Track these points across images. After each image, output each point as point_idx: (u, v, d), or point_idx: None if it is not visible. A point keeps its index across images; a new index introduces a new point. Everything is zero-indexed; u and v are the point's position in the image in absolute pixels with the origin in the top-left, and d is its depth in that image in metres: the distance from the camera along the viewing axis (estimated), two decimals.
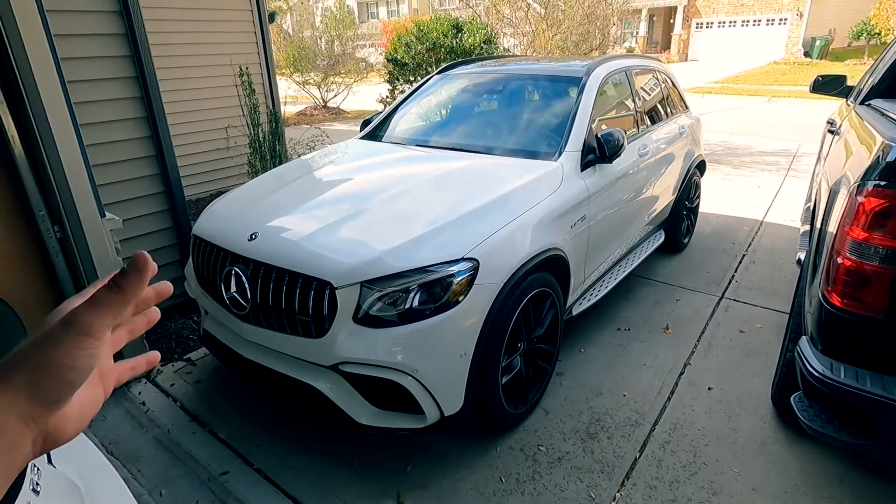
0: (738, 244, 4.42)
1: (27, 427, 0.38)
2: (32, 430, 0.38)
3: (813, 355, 1.57)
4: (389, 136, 3.33)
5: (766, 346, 2.94)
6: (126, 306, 0.40)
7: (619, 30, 12.24)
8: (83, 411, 0.42)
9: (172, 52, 5.08)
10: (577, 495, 2.00)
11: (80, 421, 0.42)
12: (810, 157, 7.23)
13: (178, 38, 5.15)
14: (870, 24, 20.36)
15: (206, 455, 2.23)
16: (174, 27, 5.09)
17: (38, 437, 0.39)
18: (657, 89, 3.95)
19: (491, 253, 2.01)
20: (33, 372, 0.37)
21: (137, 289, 0.41)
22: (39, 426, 0.38)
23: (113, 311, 0.39)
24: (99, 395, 0.45)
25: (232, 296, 2.13)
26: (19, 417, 0.37)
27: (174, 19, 5.06)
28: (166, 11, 4.97)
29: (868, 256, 1.42)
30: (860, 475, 2.06)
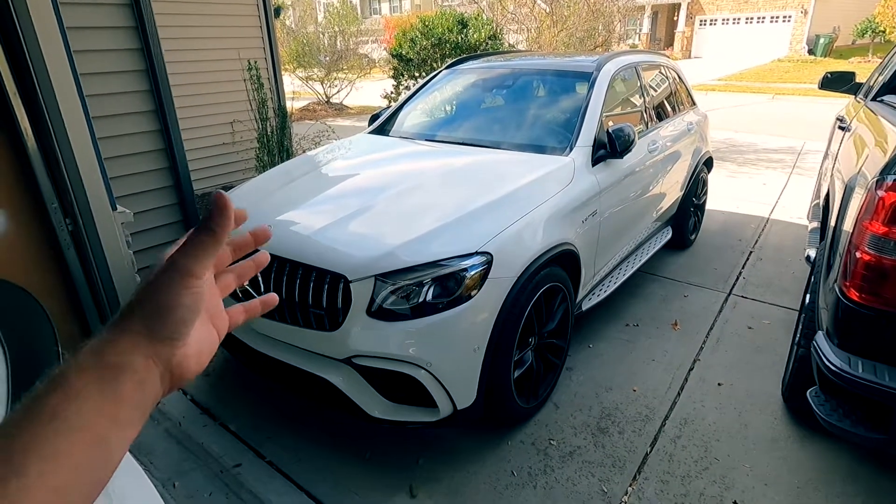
0: (744, 241, 4.42)
1: (154, 364, 0.41)
2: (158, 367, 0.41)
3: (830, 350, 1.57)
4: (399, 131, 3.33)
5: (775, 342, 2.94)
6: (218, 244, 0.43)
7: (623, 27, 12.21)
8: (201, 351, 0.45)
9: (177, 46, 5.04)
10: (589, 489, 2.00)
11: (199, 359, 0.45)
12: (815, 154, 7.21)
13: (184, 33, 5.12)
14: (874, 22, 20.28)
15: (218, 448, 2.24)
16: (179, 21, 5.06)
17: (164, 373, 0.42)
18: (665, 85, 3.94)
19: (504, 247, 2.01)
20: (148, 314, 0.41)
21: (224, 227, 0.43)
22: (164, 363, 0.42)
23: (206, 251, 0.42)
24: (213, 336, 0.48)
25: (245, 289, 2.12)
26: (144, 356, 0.40)
27: (179, 13, 5.04)
28: (171, 5, 4.95)
29: (888, 251, 1.42)
30: (873, 471, 2.06)
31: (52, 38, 2.16)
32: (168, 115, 2.98)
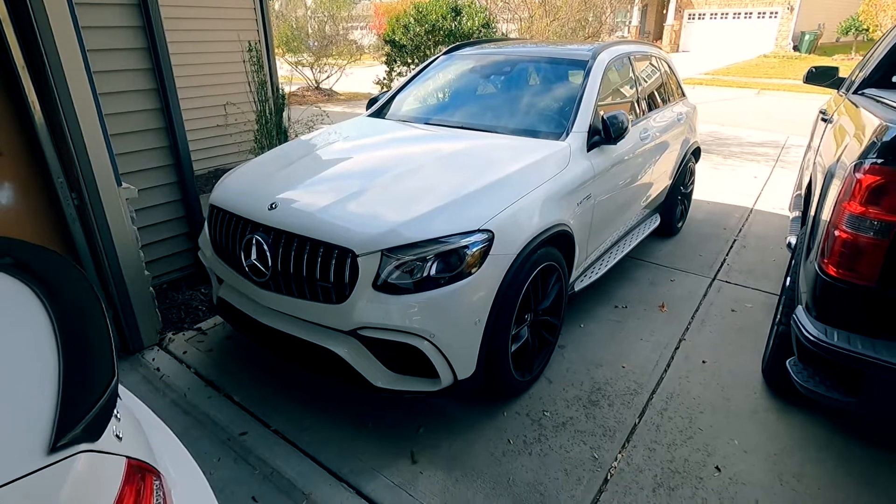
0: (729, 230, 4.57)
1: None
2: None
3: (809, 322, 1.69)
4: (397, 115, 3.39)
5: (757, 324, 3.08)
6: None
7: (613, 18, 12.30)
8: None
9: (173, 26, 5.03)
10: (581, 455, 2.12)
11: None
12: (798, 148, 7.41)
13: (178, 13, 5.11)
14: (858, 20, 20.64)
15: (223, 417, 2.31)
16: (175, 0, 5.04)
17: None
18: (657, 75, 4.04)
19: (504, 226, 2.10)
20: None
21: None
22: None
23: None
24: None
25: (252, 263, 2.19)
26: None
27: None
28: None
29: (863, 229, 1.53)
30: (844, 439, 2.20)
31: (61, 12, 2.18)
32: (169, 94, 3.00)
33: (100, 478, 0.82)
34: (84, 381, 0.89)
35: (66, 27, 2.21)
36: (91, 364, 0.93)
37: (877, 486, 1.98)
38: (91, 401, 0.84)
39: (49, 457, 0.76)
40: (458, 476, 2.02)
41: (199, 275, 3.48)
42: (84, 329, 1.02)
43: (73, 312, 1.06)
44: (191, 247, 3.41)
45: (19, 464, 0.74)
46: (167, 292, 3.26)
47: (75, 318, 1.05)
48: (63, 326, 1.01)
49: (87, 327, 1.02)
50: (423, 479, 2.00)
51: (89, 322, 1.03)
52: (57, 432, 0.79)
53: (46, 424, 0.80)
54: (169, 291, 3.27)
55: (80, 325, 1.03)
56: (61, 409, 0.83)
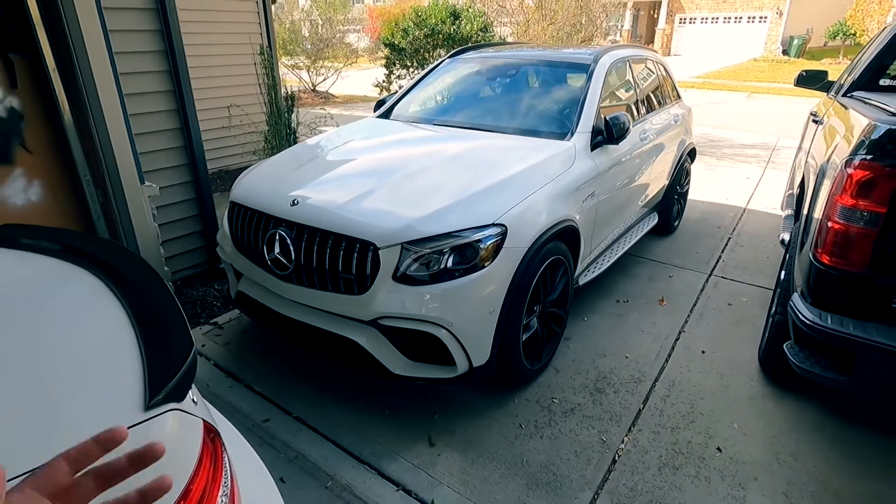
0: (723, 228, 4.71)
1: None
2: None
3: (804, 307, 1.82)
4: (405, 116, 3.50)
5: (753, 317, 3.21)
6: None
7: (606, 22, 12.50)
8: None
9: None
10: (589, 439, 2.23)
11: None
12: (788, 150, 7.59)
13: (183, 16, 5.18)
14: (846, 25, 21.02)
15: (246, 406, 2.40)
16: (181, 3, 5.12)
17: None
18: (653, 78, 4.18)
19: (516, 221, 2.22)
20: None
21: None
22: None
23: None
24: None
25: (275, 257, 2.29)
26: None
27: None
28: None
29: (854, 220, 1.66)
30: (838, 423, 2.33)
31: (91, 16, 2.27)
32: (185, 96, 3.09)
33: (186, 435, 0.92)
34: (164, 351, 0.99)
35: (96, 30, 2.30)
36: (167, 335, 1.03)
37: (868, 463, 2.11)
38: (175, 366, 0.95)
39: (146, 413, 0.86)
40: (475, 457, 2.13)
41: (212, 271, 3.57)
42: (154, 305, 1.12)
43: (139, 292, 1.16)
44: (204, 244, 3.50)
45: (124, 418, 0.84)
46: (182, 288, 3.35)
47: (143, 296, 1.15)
48: (133, 305, 1.11)
49: (156, 304, 1.12)
50: (442, 461, 2.10)
51: (157, 299, 1.13)
52: (150, 393, 0.89)
53: (139, 388, 0.90)
54: (184, 287, 3.36)
55: (150, 302, 1.13)
56: (149, 376, 0.93)
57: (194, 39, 5.41)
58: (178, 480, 0.89)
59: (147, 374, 0.93)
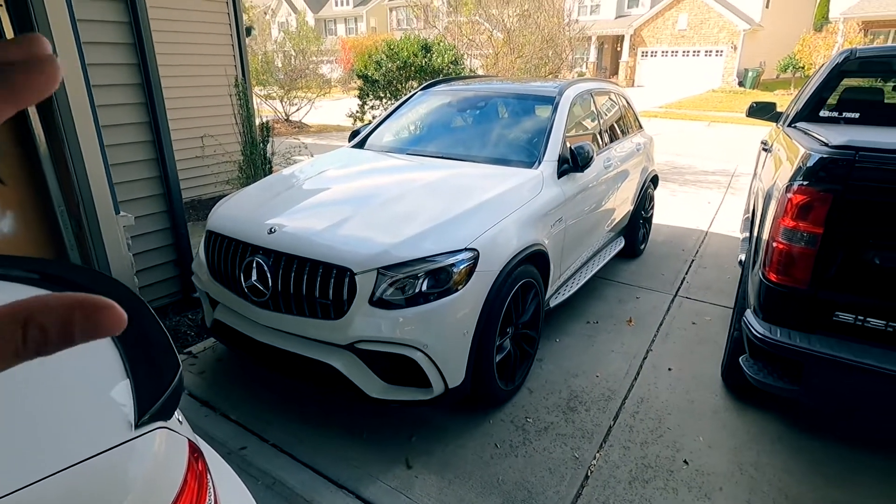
0: (687, 251, 4.91)
1: None
2: None
3: (756, 322, 1.94)
4: (379, 146, 3.60)
5: (715, 335, 3.36)
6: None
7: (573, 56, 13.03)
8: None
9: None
10: (563, 456, 2.30)
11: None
12: (746, 176, 7.97)
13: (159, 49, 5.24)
14: (795, 59, 22.31)
15: (221, 434, 2.39)
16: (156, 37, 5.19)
17: None
18: (616, 109, 4.40)
19: (488, 245, 2.31)
20: None
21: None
22: None
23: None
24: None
25: (252, 284, 2.32)
26: None
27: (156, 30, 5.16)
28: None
29: (795, 240, 1.81)
30: (794, 432, 2.45)
31: (69, 47, 2.32)
32: (161, 127, 3.13)
33: (173, 453, 0.96)
34: (151, 371, 1.03)
35: (73, 61, 2.35)
36: (154, 356, 1.07)
37: (825, 470, 2.22)
38: (162, 387, 0.99)
39: (135, 431, 0.90)
40: (451, 478, 2.16)
41: (186, 301, 3.55)
42: (138, 328, 1.16)
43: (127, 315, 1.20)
44: (178, 273, 3.50)
45: (112, 437, 0.88)
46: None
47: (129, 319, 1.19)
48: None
49: (140, 326, 1.16)
50: (419, 483, 2.13)
51: (141, 322, 1.17)
52: (139, 412, 0.93)
53: (128, 407, 0.94)
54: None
55: (134, 324, 1.17)
56: (137, 395, 0.97)
57: (169, 71, 5.46)
58: (166, 497, 0.92)
59: (135, 394, 0.97)
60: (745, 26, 23.82)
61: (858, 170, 1.68)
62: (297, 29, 16.11)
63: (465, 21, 10.64)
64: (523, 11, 9.90)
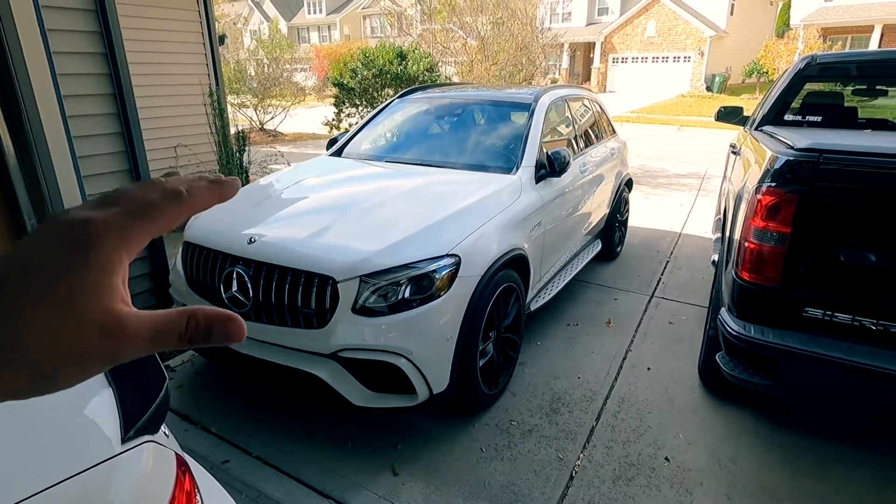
0: (662, 252, 5.02)
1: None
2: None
3: (731, 320, 2.01)
4: (357, 153, 3.60)
5: (692, 333, 3.44)
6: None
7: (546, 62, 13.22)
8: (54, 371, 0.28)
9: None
10: (547, 457, 2.32)
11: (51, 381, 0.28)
12: (717, 178, 8.18)
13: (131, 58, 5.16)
14: (759, 64, 23.04)
15: (203, 449, 2.35)
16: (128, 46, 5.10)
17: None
18: (590, 115, 4.49)
19: (469, 251, 2.33)
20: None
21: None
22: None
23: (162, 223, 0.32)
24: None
25: (232, 295, 2.30)
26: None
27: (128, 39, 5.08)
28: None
29: (766, 240, 1.88)
30: (770, 427, 2.53)
31: (39, 59, 2.27)
32: (134, 137, 3.08)
33: (161, 466, 0.95)
34: (136, 385, 1.02)
35: (43, 72, 2.30)
36: (139, 370, 1.06)
37: (800, 462, 2.30)
38: (148, 400, 0.98)
39: (123, 445, 0.90)
40: (438, 484, 2.17)
41: None
42: None
43: None
44: (153, 286, 3.43)
45: (100, 451, 0.87)
46: None
47: None
48: None
49: None
50: (406, 490, 2.13)
51: None
52: (125, 427, 0.92)
53: (114, 423, 0.93)
54: None
55: None
56: (123, 410, 0.96)
57: (141, 80, 5.37)
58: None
59: (121, 408, 0.96)
60: (711, 33, 24.51)
61: (823, 171, 1.76)
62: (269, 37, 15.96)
63: (440, 29, 10.72)
64: (497, 19, 10.02)
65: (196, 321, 0.32)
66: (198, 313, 0.32)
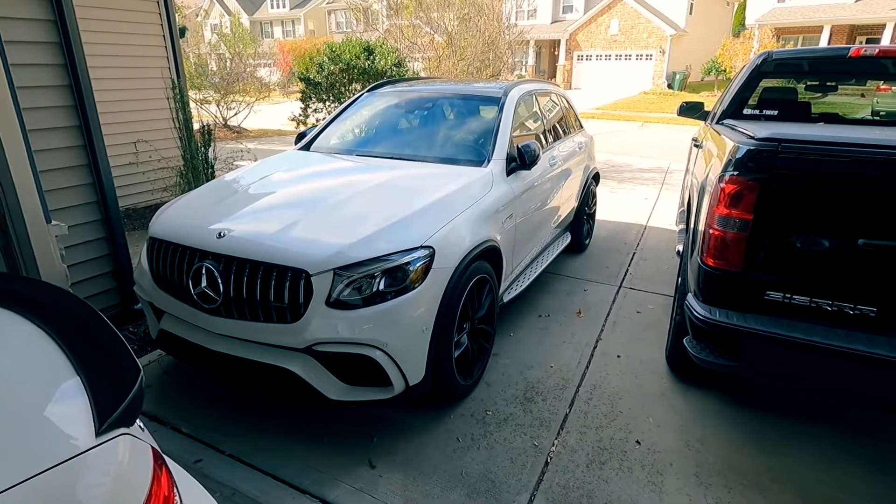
0: (628, 244, 5.14)
1: None
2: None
3: (697, 305, 2.08)
4: (326, 148, 3.56)
5: (658, 321, 3.54)
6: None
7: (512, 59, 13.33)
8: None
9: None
10: (523, 445, 2.36)
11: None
12: (679, 172, 8.42)
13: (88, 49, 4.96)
14: (717, 63, 23.77)
15: (174, 449, 2.30)
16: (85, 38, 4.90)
17: None
18: (558, 109, 4.55)
19: (443, 242, 2.34)
20: None
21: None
22: None
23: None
24: None
25: (202, 291, 2.25)
26: None
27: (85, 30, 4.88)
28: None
29: (729, 226, 1.95)
30: (734, 408, 2.63)
31: None
32: (93, 131, 2.96)
33: (137, 459, 0.93)
34: (110, 378, 0.99)
35: None
36: (111, 363, 1.03)
37: (763, 440, 2.40)
38: (122, 393, 0.96)
39: (98, 439, 0.87)
40: (416, 475, 2.17)
41: (126, 313, 3.38)
42: (91, 337, 1.11)
43: (72, 324, 1.15)
44: (116, 285, 3.32)
45: (74, 445, 0.85)
46: None
47: (77, 328, 1.13)
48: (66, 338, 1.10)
49: (93, 335, 1.11)
50: (384, 482, 2.13)
51: (94, 330, 1.13)
52: (99, 420, 0.90)
53: (87, 416, 0.91)
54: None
55: (86, 334, 1.12)
56: (96, 403, 0.93)
57: (99, 73, 5.16)
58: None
59: (94, 401, 0.93)
60: (671, 31, 25.14)
61: (781, 159, 1.84)
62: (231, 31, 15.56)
63: (407, 24, 10.68)
64: (463, 15, 10.04)
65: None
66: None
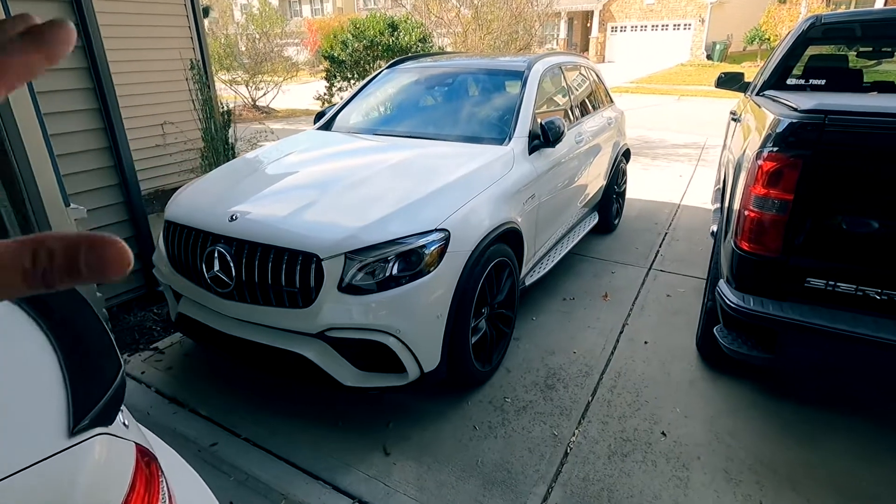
0: (660, 224, 4.94)
1: None
2: None
3: (730, 292, 1.94)
4: (345, 127, 3.49)
5: (689, 306, 3.38)
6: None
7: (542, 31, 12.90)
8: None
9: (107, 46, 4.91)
10: (542, 434, 2.28)
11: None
12: (716, 148, 8.04)
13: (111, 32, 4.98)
14: (761, 31, 22.54)
15: (191, 431, 2.31)
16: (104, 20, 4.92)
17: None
18: (586, 84, 4.35)
19: (459, 225, 2.25)
20: None
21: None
22: None
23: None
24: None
25: (215, 275, 2.22)
26: None
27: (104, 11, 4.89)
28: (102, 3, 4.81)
29: (767, 208, 1.79)
30: (766, 399, 2.48)
31: None
32: (112, 114, 2.96)
33: (116, 459, 0.89)
34: (90, 374, 0.95)
35: None
36: (93, 358, 0.99)
37: (796, 433, 2.26)
38: (101, 389, 0.91)
39: (70, 439, 0.83)
40: (430, 463, 2.13)
41: (150, 295, 3.42)
42: (78, 329, 1.07)
43: (62, 316, 1.11)
44: (140, 267, 3.36)
45: (45, 446, 0.80)
46: (119, 314, 3.19)
47: (66, 320, 1.10)
48: (54, 328, 1.06)
49: (80, 327, 1.07)
50: (397, 469, 2.09)
51: (82, 322, 1.09)
52: (74, 418, 0.85)
53: (63, 413, 0.86)
54: (121, 314, 3.20)
55: (73, 326, 1.08)
56: (73, 400, 0.89)
57: (120, 56, 5.20)
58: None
59: (71, 400, 0.89)
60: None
61: (829, 133, 1.67)
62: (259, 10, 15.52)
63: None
64: None
65: (48, 251, 0.24)
66: (47, 240, 0.25)
